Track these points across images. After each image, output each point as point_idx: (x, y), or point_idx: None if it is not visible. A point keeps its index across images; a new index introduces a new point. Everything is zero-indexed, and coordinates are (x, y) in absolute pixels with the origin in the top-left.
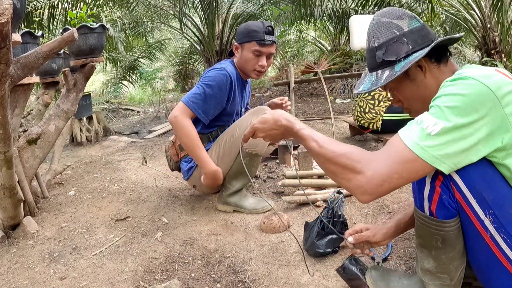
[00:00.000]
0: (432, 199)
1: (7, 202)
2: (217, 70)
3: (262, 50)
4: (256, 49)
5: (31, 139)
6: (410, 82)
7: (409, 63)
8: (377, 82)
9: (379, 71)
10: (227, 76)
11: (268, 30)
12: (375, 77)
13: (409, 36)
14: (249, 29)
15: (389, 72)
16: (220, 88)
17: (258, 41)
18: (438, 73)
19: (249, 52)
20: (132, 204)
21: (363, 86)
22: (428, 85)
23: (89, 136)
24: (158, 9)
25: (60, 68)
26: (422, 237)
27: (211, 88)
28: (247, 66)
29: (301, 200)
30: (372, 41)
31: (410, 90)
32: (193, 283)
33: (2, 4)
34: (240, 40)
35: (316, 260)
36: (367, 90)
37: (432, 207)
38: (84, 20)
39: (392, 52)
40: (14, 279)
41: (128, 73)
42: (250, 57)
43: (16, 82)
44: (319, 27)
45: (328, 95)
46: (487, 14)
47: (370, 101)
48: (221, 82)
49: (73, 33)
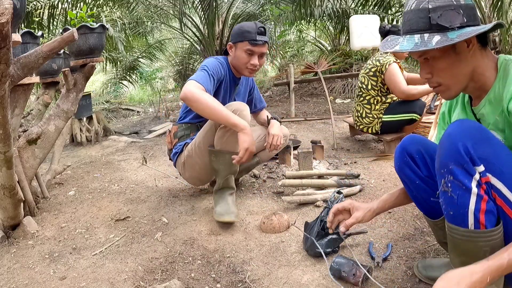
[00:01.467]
0: (480, 209)
1: (7, 202)
2: (212, 58)
3: (254, 49)
4: (249, 49)
5: (31, 139)
6: (455, 55)
7: (469, 33)
8: (427, 43)
9: (425, 35)
10: (221, 63)
11: (260, 31)
12: (420, 39)
13: (465, 10)
14: (242, 30)
15: (441, 37)
16: (216, 69)
17: (250, 41)
18: (480, 55)
19: (242, 51)
20: (132, 204)
21: (401, 46)
22: (469, 63)
23: (89, 136)
24: (158, 9)
25: (60, 68)
26: (466, 254)
27: (208, 68)
28: (239, 64)
29: (301, 200)
30: (425, 2)
31: (450, 63)
32: (193, 283)
33: (2, 4)
34: (234, 40)
35: (316, 260)
36: (411, 50)
37: (481, 219)
38: (84, 20)
39: (447, 18)
40: (14, 279)
41: (128, 73)
42: (242, 56)
43: (16, 82)
44: (319, 27)
45: (328, 95)
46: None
47: (366, 105)
48: (216, 65)
49: (73, 33)
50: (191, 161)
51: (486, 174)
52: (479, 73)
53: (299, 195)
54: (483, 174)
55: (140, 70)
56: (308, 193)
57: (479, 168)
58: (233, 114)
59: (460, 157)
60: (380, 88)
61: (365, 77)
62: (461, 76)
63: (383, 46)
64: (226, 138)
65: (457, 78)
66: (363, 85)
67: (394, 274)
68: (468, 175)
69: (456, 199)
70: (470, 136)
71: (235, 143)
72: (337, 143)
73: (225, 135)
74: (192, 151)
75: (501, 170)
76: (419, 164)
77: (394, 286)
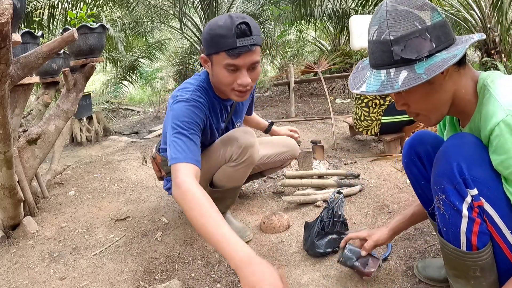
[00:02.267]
0: (472, 231)
1: (7, 202)
2: (183, 103)
3: (237, 62)
4: (229, 63)
5: (31, 139)
6: (428, 85)
7: (440, 66)
8: (393, 84)
9: (391, 70)
10: (195, 100)
11: (241, 31)
12: (386, 76)
13: (432, 32)
14: (212, 33)
15: (408, 73)
16: (191, 121)
17: (228, 51)
18: (457, 77)
19: (221, 68)
20: (132, 204)
21: (368, 86)
22: (446, 90)
23: (89, 136)
24: (158, 9)
25: (60, 68)
26: (456, 269)
27: (182, 128)
28: (223, 87)
29: (301, 200)
30: (386, 33)
31: (424, 95)
32: (193, 283)
33: (2, 4)
34: (207, 51)
35: (316, 260)
36: (377, 92)
37: (473, 240)
38: (84, 20)
39: (412, 49)
40: (14, 279)
41: (128, 73)
42: (223, 74)
43: (16, 82)
44: (319, 27)
45: (328, 95)
46: (487, 14)
47: (364, 108)
48: (189, 114)
49: (73, 33)
50: None
51: (480, 198)
52: (459, 97)
53: (299, 195)
54: (476, 198)
55: (140, 70)
56: (308, 193)
57: (472, 191)
58: (231, 235)
59: (453, 177)
60: None
61: None
62: (440, 104)
63: (352, 81)
64: (231, 175)
65: (435, 106)
66: None
67: (394, 274)
68: (459, 197)
69: (448, 218)
70: (466, 156)
71: (242, 177)
72: (337, 143)
73: (231, 172)
74: None
75: (495, 196)
76: (426, 165)
77: (394, 286)
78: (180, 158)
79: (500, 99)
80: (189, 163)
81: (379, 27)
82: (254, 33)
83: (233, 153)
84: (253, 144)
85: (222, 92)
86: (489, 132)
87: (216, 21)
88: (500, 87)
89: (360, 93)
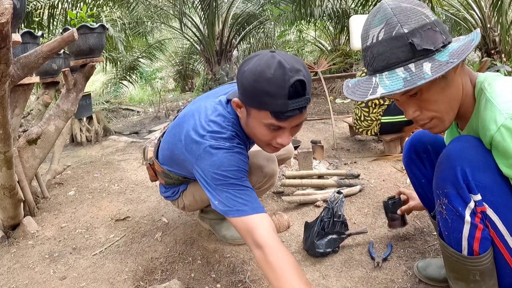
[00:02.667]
0: (474, 237)
1: (7, 202)
2: (225, 152)
3: (283, 125)
4: (273, 124)
5: (31, 139)
6: (444, 80)
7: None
8: (419, 75)
9: (410, 66)
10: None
11: (295, 90)
12: (407, 73)
13: (438, 25)
14: (258, 89)
15: (432, 63)
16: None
17: (276, 114)
18: (462, 73)
19: (260, 124)
20: (132, 204)
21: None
22: (457, 85)
23: (89, 136)
24: (158, 9)
25: (60, 68)
26: (456, 271)
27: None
28: (257, 139)
29: (301, 200)
30: (398, 27)
31: (441, 91)
32: (193, 283)
33: (2, 4)
34: (245, 101)
35: (316, 260)
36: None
37: (474, 246)
38: (84, 20)
39: (428, 40)
40: (14, 279)
41: (128, 73)
42: (262, 131)
43: (16, 82)
44: (319, 27)
45: (328, 95)
46: (487, 14)
47: (364, 108)
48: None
49: (73, 33)
50: (197, 206)
51: (483, 204)
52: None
53: (299, 195)
54: (479, 204)
55: (140, 70)
56: (308, 193)
57: (475, 197)
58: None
59: (456, 182)
60: None
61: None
62: (454, 102)
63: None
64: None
65: (450, 105)
66: None
67: (394, 274)
68: (462, 202)
69: (450, 223)
70: (470, 161)
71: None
72: (337, 143)
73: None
74: (194, 201)
75: (498, 202)
76: (426, 164)
77: (394, 286)
78: (247, 210)
79: (498, 104)
80: (259, 213)
81: (386, 25)
82: (307, 91)
83: (257, 181)
84: (276, 172)
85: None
86: (489, 139)
87: (263, 70)
88: (497, 90)
89: (380, 96)
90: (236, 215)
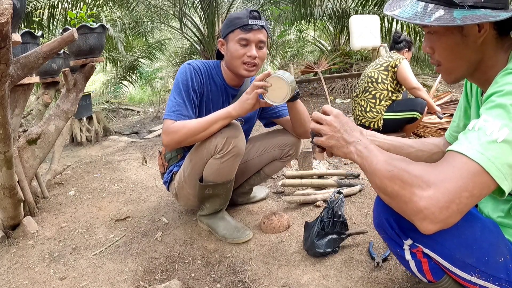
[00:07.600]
0: (423, 270)
1: (7, 202)
2: (186, 64)
3: (248, 37)
4: (241, 37)
5: (31, 139)
6: (461, 37)
7: (478, 18)
8: (424, 17)
9: (430, 5)
10: (195, 68)
11: (253, 15)
12: (423, 9)
13: None
14: (231, 18)
15: (445, 13)
16: (184, 80)
17: (242, 27)
18: (494, 46)
19: (235, 43)
20: (132, 204)
21: (401, 12)
22: (477, 51)
23: (89, 136)
24: (158, 9)
25: (60, 68)
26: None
27: (179, 88)
28: (234, 61)
29: (301, 200)
30: None
31: (453, 45)
32: (193, 283)
33: (2, 4)
34: (224, 34)
35: (316, 260)
36: (407, 20)
37: (428, 276)
38: (84, 20)
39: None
40: (14, 279)
41: (128, 73)
42: (235, 48)
43: (16, 82)
44: (319, 27)
45: (328, 95)
46: None
47: (371, 100)
48: (184, 74)
49: (73, 33)
50: (183, 192)
51: (417, 246)
52: (489, 66)
53: (299, 195)
54: (412, 246)
55: (140, 70)
56: (308, 193)
57: (407, 242)
58: (218, 112)
59: (387, 229)
60: (390, 83)
61: (375, 71)
62: (464, 62)
63: (388, 5)
64: (219, 169)
65: (458, 63)
66: (371, 79)
67: (394, 274)
68: (398, 246)
69: (400, 260)
70: (393, 211)
71: (231, 170)
72: None
73: (218, 166)
74: (183, 182)
75: (431, 240)
76: None
77: (394, 286)
78: (169, 115)
79: None
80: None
81: None
82: (263, 19)
83: (217, 144)
84: (237, 135)
85: (234, 72)
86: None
87: (234, 12)
88: None
89: (391, 15)
90: (164, 117)
